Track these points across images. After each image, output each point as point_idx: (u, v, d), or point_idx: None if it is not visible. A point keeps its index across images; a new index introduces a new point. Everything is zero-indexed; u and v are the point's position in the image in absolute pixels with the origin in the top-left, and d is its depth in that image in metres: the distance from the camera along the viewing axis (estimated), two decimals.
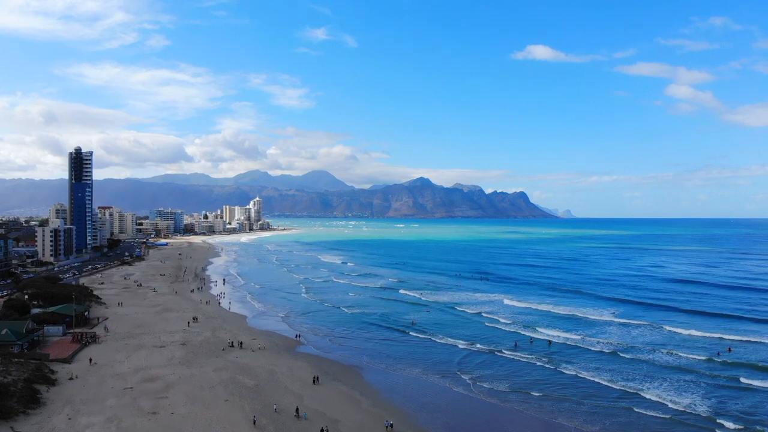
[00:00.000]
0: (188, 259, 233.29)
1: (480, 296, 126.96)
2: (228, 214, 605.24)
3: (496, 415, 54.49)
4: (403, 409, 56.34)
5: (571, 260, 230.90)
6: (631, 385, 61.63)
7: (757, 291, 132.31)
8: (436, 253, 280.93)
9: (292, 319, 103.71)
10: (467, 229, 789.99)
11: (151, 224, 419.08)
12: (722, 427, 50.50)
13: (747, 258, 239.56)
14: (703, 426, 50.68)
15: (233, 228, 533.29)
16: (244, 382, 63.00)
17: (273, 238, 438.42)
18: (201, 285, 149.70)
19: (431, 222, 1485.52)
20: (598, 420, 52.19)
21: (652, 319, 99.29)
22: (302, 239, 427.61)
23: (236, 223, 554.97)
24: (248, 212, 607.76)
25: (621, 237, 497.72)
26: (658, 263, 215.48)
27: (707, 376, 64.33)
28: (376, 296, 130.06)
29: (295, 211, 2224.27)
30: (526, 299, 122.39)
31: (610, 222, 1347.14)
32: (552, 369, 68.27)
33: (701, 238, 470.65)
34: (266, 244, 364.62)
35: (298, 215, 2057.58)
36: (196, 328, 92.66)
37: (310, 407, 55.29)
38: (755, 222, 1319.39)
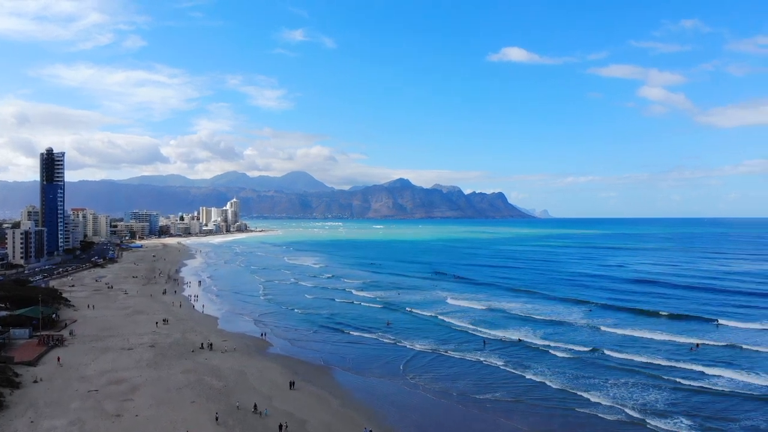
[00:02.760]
0: (162, 261, 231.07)
1: (450, 298, 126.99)
2: (205, 215, 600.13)
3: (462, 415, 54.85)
4: (373, 409, 56.62)
5: (542, 261, 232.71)
6: (586, 386, 62.08)
7: (721, 292, 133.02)
8: (409, 254, 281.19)
9: (264, 320, 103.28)
10: (445, 229, 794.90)
11: (125, 226, 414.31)
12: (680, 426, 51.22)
13: (716, 257, 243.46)
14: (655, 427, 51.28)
15: (210, 230, 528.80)
16: (212, 384, 62.79)
17: (249, 240, 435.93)
18: (174, 287, 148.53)
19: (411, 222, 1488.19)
20: (555, 421, 52.81)
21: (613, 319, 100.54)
22: (278, 241, 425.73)
23: (213, 224, 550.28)
24: (225, 213, 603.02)
25: (594, 236, 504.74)
26: (626, 263, 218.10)
27: (664, 378, 64.77)
28: (347, 299, 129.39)
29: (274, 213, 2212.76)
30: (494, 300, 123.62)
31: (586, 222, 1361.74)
32: (514, 372, 68.65)
33: (673, 237, 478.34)
34: (242, 245, 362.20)
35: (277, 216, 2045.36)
36: (165, 330, 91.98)
37: (278, 408, 55.33)
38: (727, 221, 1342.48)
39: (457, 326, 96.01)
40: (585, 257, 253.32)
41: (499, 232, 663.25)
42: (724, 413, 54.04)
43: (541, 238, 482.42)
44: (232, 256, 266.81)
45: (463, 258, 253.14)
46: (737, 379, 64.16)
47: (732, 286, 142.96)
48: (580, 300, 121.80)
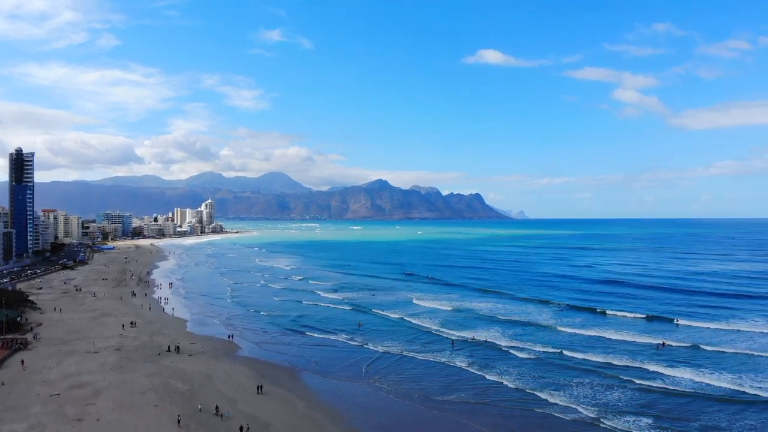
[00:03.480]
0: (134, 263, 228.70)
1: (421, 299, 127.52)
2: (179, 216, 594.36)
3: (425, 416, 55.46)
4: (339, 411, 56.89)
5: (514, 261, 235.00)
6: (550, 387, 62.92)
7: (687, 292, 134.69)
8: (383, 256, 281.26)
9: (232, 323, 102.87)
10: (422, 230, 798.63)
11: (98, 227, 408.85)
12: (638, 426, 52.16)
13: (684, 258, 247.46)
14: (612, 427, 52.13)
15: (184, 231, 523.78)
16: (176, 387, 62.61)
17: (223, 242, 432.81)
18: (145, 289, 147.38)
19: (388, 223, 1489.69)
20: (515, 422, 53.53)
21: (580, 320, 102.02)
22: (253, 242, 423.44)
23: (187, 226, 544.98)
24: (200, 215, 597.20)
25: (567, 237, 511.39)
26: (596, 263, 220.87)
27: (624, 379, 65.67)
28: (316, 301, 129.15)
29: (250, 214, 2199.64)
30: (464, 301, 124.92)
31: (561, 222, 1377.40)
32: (478, 373, 69.28)
33: (645, 237, 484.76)
34: (215, 247, 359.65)
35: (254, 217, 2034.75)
36: (133, 333, 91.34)
37: (243, 411, 55.38)
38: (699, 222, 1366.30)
39: (425, 327, 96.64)
40: (556, 258, 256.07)
41: (474, 232, 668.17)
42: (684, 413, 55.05)
43: (516, 238, 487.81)
44: (203, 258, 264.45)
45: (437, 259, 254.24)
46: (698, 379, 65.10)
47: (697, 286, 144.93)
48: (548, 301, 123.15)
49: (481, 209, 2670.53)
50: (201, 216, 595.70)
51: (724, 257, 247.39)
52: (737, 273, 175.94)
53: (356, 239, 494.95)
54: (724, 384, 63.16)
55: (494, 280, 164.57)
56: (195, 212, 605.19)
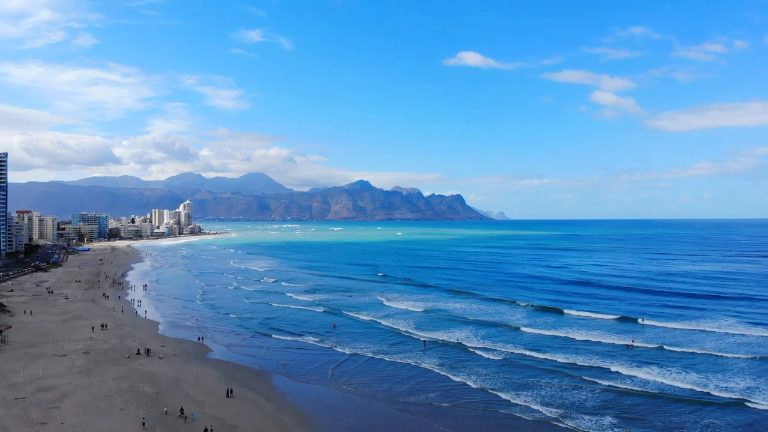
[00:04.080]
0: (109, 264, 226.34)
1: (395, 300, 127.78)
2: (157, 217, 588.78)
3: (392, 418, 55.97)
4: (306, 413, 57.12)
5: (490, 262, 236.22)
6: (518, 388, 63.56)
7: (659, 293, 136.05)
8: (361, 257, 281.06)
9: (203, 325, 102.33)
10: (403, 230, 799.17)
11: (74, 229, 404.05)
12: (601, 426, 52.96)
13: (659, 258, 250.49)
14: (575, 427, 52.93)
15: (161, 232, 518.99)
16: (144, 390, 62.40)
17: (200, 243, 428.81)
18: (118, 291, 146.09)
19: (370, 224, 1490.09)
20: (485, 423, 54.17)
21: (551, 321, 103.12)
22: (230, 243, 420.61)
23: (165, 227, 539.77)
24: (178, 216, 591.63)
25: (545, 237, 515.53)
26: (572, 264, 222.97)
27: (586, 379, 66.43)
28: (287, 303, 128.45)
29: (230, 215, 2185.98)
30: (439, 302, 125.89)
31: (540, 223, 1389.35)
32: (447, 375, 69.62)
33: (622, 238, 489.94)
34: (191, 249, 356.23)
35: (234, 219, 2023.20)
36: (103, 335, 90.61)
37: (210, 414, 55.46)
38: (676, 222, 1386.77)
39: (396, 329, 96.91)
40: (533, 258, 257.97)
41: (455, 233, 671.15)
42: (648, 413, 55.75)
43: (495, 239, 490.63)
44: (178, 260, 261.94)
45: (414, 260, 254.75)
46: (664, 379, 65.72)
47: (669, 287, 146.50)
48: (520, 302, 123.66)
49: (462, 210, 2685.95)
50: (179, 217, 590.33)
51: (697, 258, 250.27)
52: (709, 273, 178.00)
53: (335, 240, 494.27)
54: (689, 384, 63.91)
55: (469, 281, 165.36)
56: (173, 213, 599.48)
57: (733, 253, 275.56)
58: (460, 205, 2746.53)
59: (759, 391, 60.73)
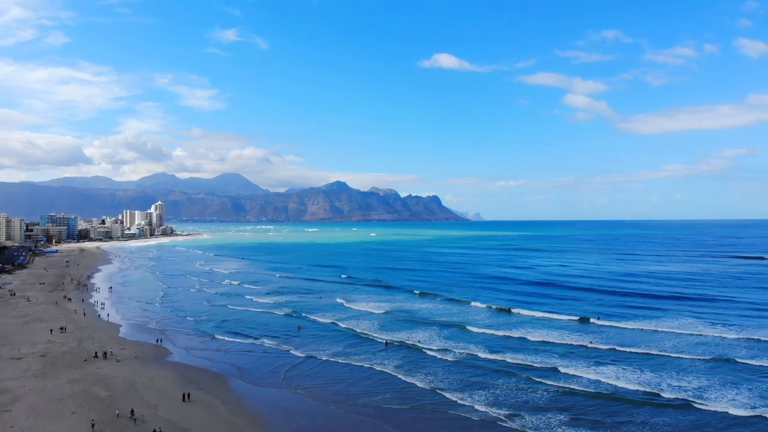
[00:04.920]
0: (75, 266, 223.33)
1: (360, 302, 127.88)
2: (128, 218, 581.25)
3: (346, 420, 56.43)
4: (261, 415, 57.37)
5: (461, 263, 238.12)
6: (473, 389, 64.28)
7: (619, 294, 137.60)
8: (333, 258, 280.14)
9: (163, 328, 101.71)
10: (379, 231, 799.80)
11: (42, 230, 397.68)
12: (549, 426, 54.02)
13: (626, 259, 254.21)
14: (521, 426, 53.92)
15: (132, 233, 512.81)
16: (97, 394, 62.18)
17: (170, 245, 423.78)
18: (82, 294, 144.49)
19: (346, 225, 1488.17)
20: (435, 424, 54.87)
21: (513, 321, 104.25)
22: (201, 245, 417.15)
23: (136, 228, 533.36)
24: (150, 217, 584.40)
25: (518, 238, 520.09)
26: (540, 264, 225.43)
27: (545, 380, 67.18)
28: (249, 305, 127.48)
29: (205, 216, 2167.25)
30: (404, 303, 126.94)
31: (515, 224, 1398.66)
32: (403, 377, 69.89)
33: (593, 239, 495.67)
34: (160, 250, 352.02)
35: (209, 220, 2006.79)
36: (62, 338, 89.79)
37: (162, 416, 55.48)
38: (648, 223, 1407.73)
39: (357, 331, 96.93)
40: (502, 259, 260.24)
41: (429, 234, 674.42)
42: (599, 413, 56.38)
43: (467, 240, 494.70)
44: (145, 262, 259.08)
45: (385, 261, 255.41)
46: (618, 380, 66.21)
47: (632, 287, 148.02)
48: (485, 303, 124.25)
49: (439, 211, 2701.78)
50: (151, 218, 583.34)
51: (663, 258, 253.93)
52: (673, 274, 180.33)
53: (308, 241, 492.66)
54: (642, 384, 64.68)
55: (436, 283, 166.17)
56: (144, 214, 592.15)
57: (698, 254, 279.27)
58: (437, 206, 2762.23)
59: (709, 391, 61.71)
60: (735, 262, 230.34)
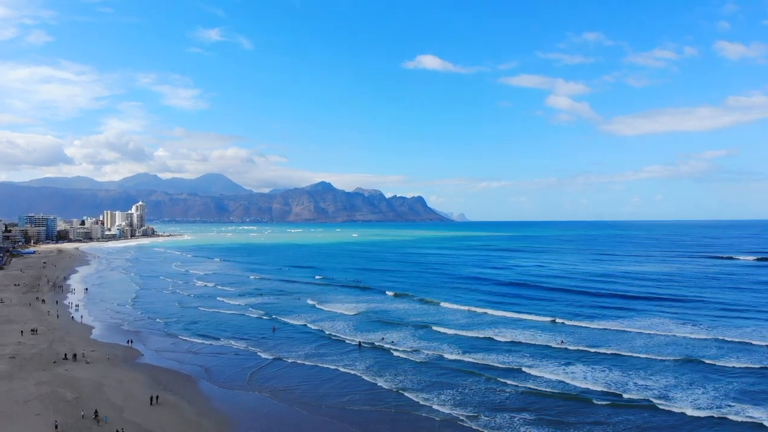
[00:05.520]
0: (52, 267, 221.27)
1: (334, 304, 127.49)
2: (109, 219, 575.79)
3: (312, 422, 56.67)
4: (228, 417, 57.52)
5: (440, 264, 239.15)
6: (440, 390, 64.59)
7: (593, 295, 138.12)
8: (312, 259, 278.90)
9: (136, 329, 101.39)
10: (363, 232, 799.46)
11: (20, 231, 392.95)
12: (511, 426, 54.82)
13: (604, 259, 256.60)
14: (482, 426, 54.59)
15: (113, 234, 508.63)
16: (64, 396, 62.03)
17: (150, 245, 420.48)
18: (57, 295, 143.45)
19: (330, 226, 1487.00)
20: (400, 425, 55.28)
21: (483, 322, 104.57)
22: (181, 246, 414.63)
23: (116, 229, 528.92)
24: (131, 217, 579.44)
25: (500, 239, 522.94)
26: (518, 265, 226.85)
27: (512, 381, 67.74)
28: (221, 307, 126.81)
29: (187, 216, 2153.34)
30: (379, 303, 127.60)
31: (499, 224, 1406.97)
32: (370, 379, 70.05)
33: (574, 239, 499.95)
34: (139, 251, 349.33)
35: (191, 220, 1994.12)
36: (32, 340, 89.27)
37: (128, 419, 55.49)
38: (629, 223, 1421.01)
39: (328, 333, 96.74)
40: (482, 260, 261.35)
41: (412, 234, 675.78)
42: (563, 414, 56.76)
43: (450, 240, 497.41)
44: (122, 263, 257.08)
45: (365, 262, 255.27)
46: (584, 380, 66.65)
47: (607, 288, 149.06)
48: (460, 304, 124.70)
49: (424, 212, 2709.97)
50: (131, 219, 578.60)
51: (641, 258, 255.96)
52: (649, 274, 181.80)
53: (290, 242, 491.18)
54: (610, 384, 65.14)
55: (413, 283, 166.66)
56: (125, 215, 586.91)
57: (675, 254, 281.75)
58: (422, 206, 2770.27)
59: (674, 391, 62.22)
60: (711, 262, 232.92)
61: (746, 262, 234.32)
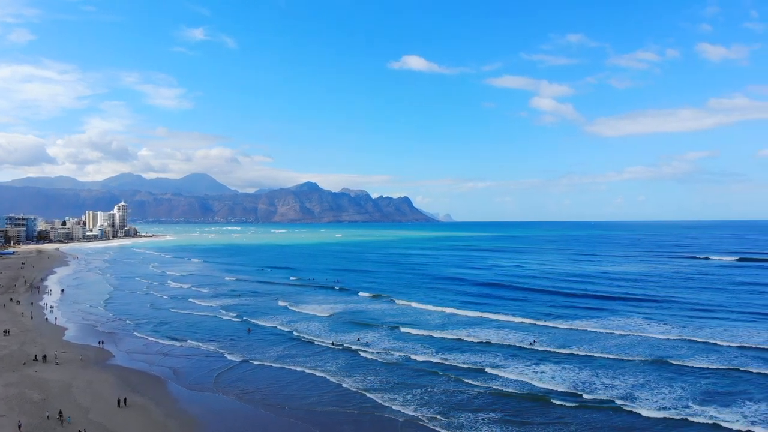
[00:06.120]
0: (30, 268, 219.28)
1: (306, 305, 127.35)
2: (91, 220, 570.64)
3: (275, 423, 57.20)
4: (195, 419, 57.79)
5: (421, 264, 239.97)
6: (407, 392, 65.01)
7: (570, 295, 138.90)
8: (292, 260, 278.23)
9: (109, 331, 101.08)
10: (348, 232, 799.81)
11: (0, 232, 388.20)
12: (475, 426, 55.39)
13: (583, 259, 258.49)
14: None
15: (94, 235, 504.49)
16: (31, 397, 61.98)
17: (133, 246, 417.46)
18: (34, 296, 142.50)
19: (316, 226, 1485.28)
20: (349, 427, 55.64)
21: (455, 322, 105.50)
22: (162, 246, 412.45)
23: (98, 229, 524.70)
24: (113, 218, 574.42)
25: (483, 239, 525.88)
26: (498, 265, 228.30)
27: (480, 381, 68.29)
28: (195, 309, 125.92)
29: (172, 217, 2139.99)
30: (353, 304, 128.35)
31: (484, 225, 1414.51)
32: (333, 380, 70.34)
33: (556, 239, 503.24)
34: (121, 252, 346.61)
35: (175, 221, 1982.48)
36: (4, 341, 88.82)
37: (93, 420, 55.72)
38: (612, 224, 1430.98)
39: (301, 335, 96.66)
40: (463, 260, 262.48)
41: (397, 235, 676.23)
42: (529, 414, 57.28)
43: (433, 240, 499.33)
44: (100, 264, 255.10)
45: (346, 263, 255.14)
46: (552, 381, 66.96)
47: (583, 288, 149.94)
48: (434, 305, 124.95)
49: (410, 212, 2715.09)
50: (113, 219, 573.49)
51: (620, 258, 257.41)
52: (626, 275, 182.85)
53: (272, 243, 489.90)
54: (578, 384, 65.67)
55: (392, 284, 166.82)
56: (107, 215, 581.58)
57: (654, 255, 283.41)
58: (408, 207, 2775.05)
59: (641, 391, 62.86)
60: (688, 262, 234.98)
61: (722, 262, 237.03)
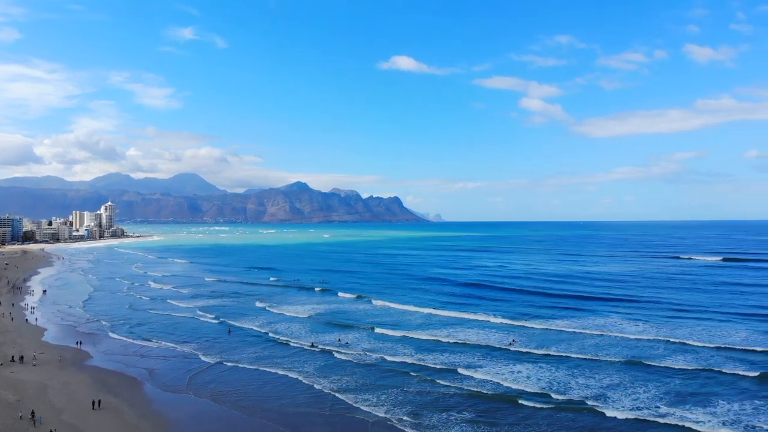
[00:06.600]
0: (14, 269, 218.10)
1: (287, 306, 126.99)
2: (78, 220, 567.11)
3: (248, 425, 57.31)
4: (169, 419, 57.99)
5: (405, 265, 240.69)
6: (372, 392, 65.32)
7: (552, 295, 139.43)
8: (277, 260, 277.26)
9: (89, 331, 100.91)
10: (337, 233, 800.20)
11: None
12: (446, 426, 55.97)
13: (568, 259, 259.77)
14: None
15: (81, 235, 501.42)
16: (6, 398, 61.96)
17: (119, 246, 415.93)
18: (15, 297, 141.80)
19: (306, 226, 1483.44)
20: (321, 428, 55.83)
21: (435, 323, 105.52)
22: (148, 247, 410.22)
23: (85, 230, 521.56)
24: (99, 218, 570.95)
25: (472, 239, 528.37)
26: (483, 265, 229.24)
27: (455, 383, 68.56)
28: (174, 310, 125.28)
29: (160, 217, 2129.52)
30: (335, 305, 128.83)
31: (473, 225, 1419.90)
32: (306, 382, 70.24)
33: (544, 239, 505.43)
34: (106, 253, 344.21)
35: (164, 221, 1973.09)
36: None
37: (66, 421, 55.84)
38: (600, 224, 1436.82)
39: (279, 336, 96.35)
40: (448, 260, 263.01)
41: (386, 235, 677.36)
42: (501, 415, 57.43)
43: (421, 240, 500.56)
44: (83, 264, 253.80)
45: (332, 263, 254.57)
46: (526, 382, 67.03)
47: (565, 288, 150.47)
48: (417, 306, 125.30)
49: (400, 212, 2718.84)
50: (100, 219, 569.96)
51: (605, 258, 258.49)
52: (609, 275, 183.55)
53: (260, 243, 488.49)
54: (553, 384, 66.07)
55: (376, 285, 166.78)
56: (94, 215, 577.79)
57: (639, 255, 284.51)
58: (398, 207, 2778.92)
59: (616, 391, 63.26)
60: (672, 262, 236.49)
61: (706, 262, 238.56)
